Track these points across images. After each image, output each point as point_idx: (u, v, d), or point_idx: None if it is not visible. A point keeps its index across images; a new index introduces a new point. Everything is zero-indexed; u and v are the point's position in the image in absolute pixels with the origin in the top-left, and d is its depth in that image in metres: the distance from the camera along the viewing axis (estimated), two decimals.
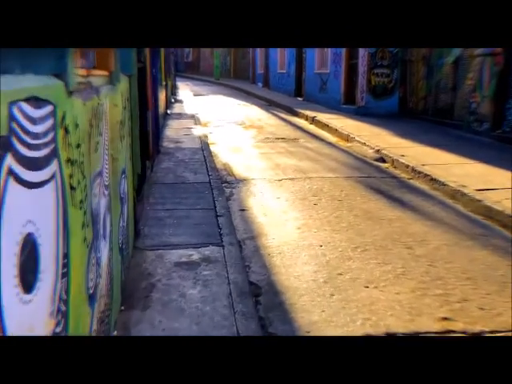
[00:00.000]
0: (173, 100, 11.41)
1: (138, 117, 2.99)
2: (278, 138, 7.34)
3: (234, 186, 4.69)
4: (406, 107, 8.47)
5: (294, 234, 3.44)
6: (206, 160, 5.27)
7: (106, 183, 1.66)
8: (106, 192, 1.66)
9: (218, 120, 9.18)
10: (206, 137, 7.26)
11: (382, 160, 5.74)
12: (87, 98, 1.30)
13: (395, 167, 5.42)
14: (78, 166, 1.15)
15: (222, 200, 3.91)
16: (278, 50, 14.52)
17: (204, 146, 6.12)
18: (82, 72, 1.37)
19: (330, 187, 4.66)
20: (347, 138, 6.96)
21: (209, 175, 4.62)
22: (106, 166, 1.67)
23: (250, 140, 7.21)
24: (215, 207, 3.68)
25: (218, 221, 3.37)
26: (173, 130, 7.29)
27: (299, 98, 12.18)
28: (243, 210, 3.98)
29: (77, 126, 1.14)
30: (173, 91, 12.14)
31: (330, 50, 9.78)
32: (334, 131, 7.52)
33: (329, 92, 10.03)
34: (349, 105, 8.99)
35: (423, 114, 7.97)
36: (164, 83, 7.11)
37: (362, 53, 8.17)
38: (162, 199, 3.81)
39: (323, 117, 8.50)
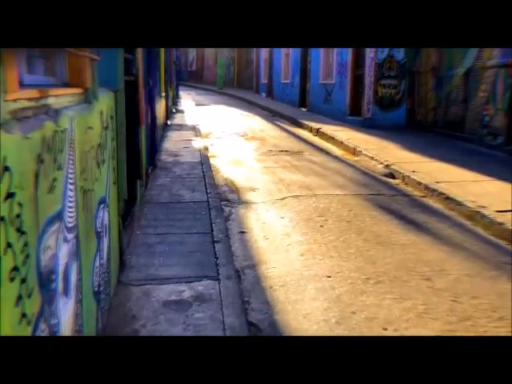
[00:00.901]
0: (174, 110, 11.19)
1: (127, 135, 2.71)
2: (282, 151, 7.05)
3: (234, 204, 4.39)
4: (413, 119, 8.17)
5: (297, 262, 3.12)
6: (204, 176, 4.97)
7: (70, 224, 1.36)
8: (70, 236, 1.36)
9: (219, 131, 8.92)
10: (207, 149, 6.98)
11: (392, 176, 5.42)
12: (34, 128, 1.00)
13: (406, 184, 5.10)
14: (10, 224, 0.85)
15: (219, 222, 3.60)
16: (282, 59, 14.35)
17: (204, 160, 5.83)
18: (31, 93, 1.07)
19: (338, 206, 4.34)
20: (354, 152, 6.65)
21: (207, 193, 4.32)
22: (71, 204, 1.37)
23: (253, 153, 6.92)
24: (212, 231, 3.36)
25: (214, 248, 3.05)
26: (172, 142, 7.02)
27: (303, 109, 11.93)
28: (243, 232, 3.67)
29: (7, 169, 0.83)
30: (174, 101, 11.93)
31: (335, 60, 9.55)
32: (339, 144, 7.22)
33: (334, 103, 9.76)
34: (354, 116, 8.71)
35: (432, 127, 7.66)
36: (163, 94, 6.86)
37: (369, 63, 7.91)
38: (155, 221, 3.50)
39: (328, 128, 8.21)
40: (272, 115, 11.81)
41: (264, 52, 17.33)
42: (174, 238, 3.18)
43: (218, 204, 4.04)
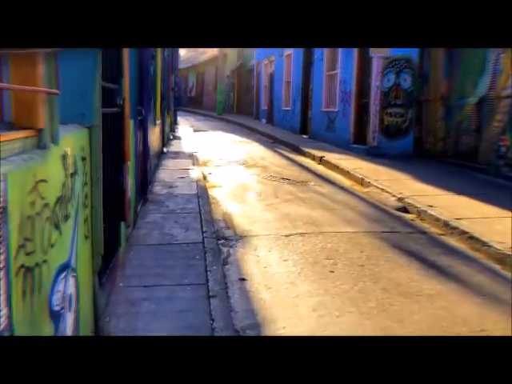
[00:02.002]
0: (171, 137, 10.90)
1: (110, 173, 2.30)
2: (285, 179, 6.65)
3: (232, 243, 3.93)
4: (421, 148, 7.85)
5: (310, 320, 2.63)
6: (201, 211, 4.53)
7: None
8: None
9: (218, 159, 8.56)
10: (205, 178, 6.58)
11: (406, 210, 4.99)
12: None
13: (422, 219, 4.66)
14: None
15: (216, 269, 3.12)
16: (283, 86, 14.28)
17: (200, 192, 5.41)
18: None
19: (347, 246, 3.88)
20: (361, 182, 6.25)
21: (203, 232, 3.87)
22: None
23: (254, 182, 6.52)
24: (207, 281, 2.89)
25: (210, 304, 2.57)
26: (167, 172, 6.62)
27: (304, 136, 11.67)
28: (243, 279, 3.19)
29: None
30: (172, 128, 11.67)
31: (338, 88, 9.39)
32: (346, 173, 6.84)
33: (337, 131, 9.49)
34: (359, 144, 8.39)
35: (442, 156, 7.32)
36: (158, 121, 6.55)
37: (374, 91, 7.69)
38: (141, 269, 3.03)
39: (332, 157, 7.86)
40: (272, 142, 11.52)
41: (264, 78, 17.35)
42: (162, 291, 2.70)
43: (214, 246, 3.58)
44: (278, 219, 4.65)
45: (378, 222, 4.62)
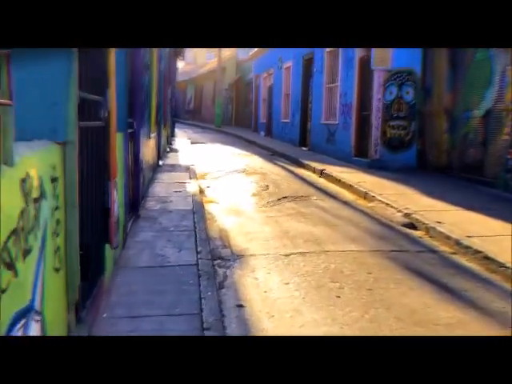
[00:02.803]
0: (168, 149, 10.68)
1: (93, 191, 2.04)
2: (286, 196, 6.39)
3: (229, 264, 3.65)
4: (425, 161, 7.65)
5: None
6: (196, 228, 4.26)
7: None
8: None
9: (215, 172, 8.31)
10: (202, 192, 6.33)
11: (413, 226, 4.73)
12: None
13: (431, 237, 4.39)
14: None
15: (211, 295, 2.84)
16: (282, 99, 14.17)
17: (196, 207, 5.14)
18: None
19: (353, 267, 3.60)
20: (365, 196, 6.00)
21: (197, 252, 3.59)
22: None
23: (253, 199, 6.26)
24: (202, 310, 2.60)
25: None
26: (162, 186, 6.37)
27: (304, 148, 11.49)
28: (241, 305, 2.91)
29: None
30: (168, 140, 11.47)
31: (338, 101, 9.26)
32: (348, 187, 6.59)
33: (337, 143, 9.30)
34: (360, 157, 8.19)
35: (447, 169, 7.11)
36: (153, 134, 6.33)
37: (376, 104, 7.53)
38: (128, 296, 2.74)
39: (334, 170, 7.63)
40: (272, 154, 11.31)
41: (263, 91, 17.29)
42: (150, 323, 2.40)
43: (209, 268, 3.29)
44: (277, 236, 4.38)
45: (385, 239, 4.35)
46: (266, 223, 4.89)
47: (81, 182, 1.89)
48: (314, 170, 8.21)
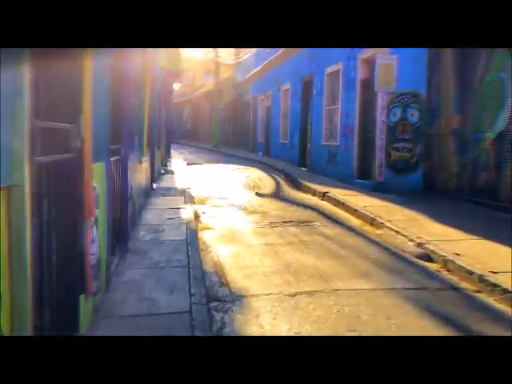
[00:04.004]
0: (162, 171, 10.32)
1: (64, 234, 1.64)
2: (286, 222, 5.99)
3: (228, 306, 3.20)
4: (432, 184, 7.33)
5: None
6: (189, 263, 3.83)
7: None
8: None
9: (212, 196, 7.93)
10: (197, 218, 5.92)
11: (428, 258, 4.32)
12: None
13: (450, 271, 3.98)
14: None
15: None
16: (280, 120, 14.00)
17: (190, 237, 4.72)
18: None
19: (369, 310, 3.16)
20: (372, 222, 5.61)
21: (190, 295, 3.15)
22: None
23: (251, 224, 5.85)
24: None
25: None
26: (155, 212, 5.96)
27: (304, 169, 11.20)
28: None
29: None
30: (163, 162, 11.13)
31: (339, 122, 9.03)
32: (353, 211, 6.21)
33: (339, 165, 9.00)
34: (364, 179, 7.86)
35: (457, 193, 6.78)
36: (146, 158, 5.98)
37: (380, 126, 7.28)
38: None
39: (337, 192, 7.27)
40: (271, 170, 10.98)
41: (261, 112, 17.19)
42: None
43: (204, 316, 2.85)
44: (279, 271, 3.95)
45: (399, 274, 3.93)
46: (266, 254, 4.47)
47: (47, 225, 1.52)
48: (313, 193, 7.85)
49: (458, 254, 4.07)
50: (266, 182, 9.90)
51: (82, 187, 1.92)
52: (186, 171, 11.46)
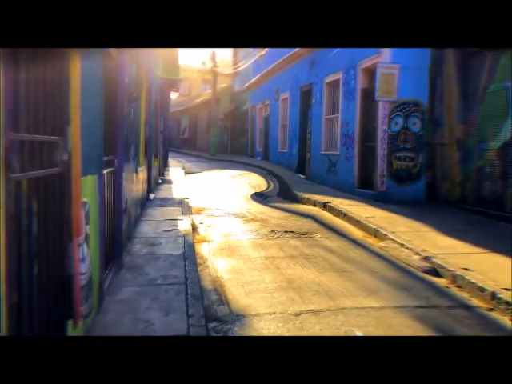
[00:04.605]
0: (160, 181, 10.15)
1: (48, 256, 1.47)
2: (287, 232, 5.81)
3: (228, 327, 3.01)
4: (435, 194, 7.19)
5: None
6: (187, 280, 3.64)
7: None
8: None
9: (210, 206, 7.75)
10: (195, 230, 5.73)
11: (435, 272, 4.15)
12: None
13: (459, 287, 3.80)
14: None
15: None
16: (279, 130, 13.91)
17: (188, 251, 4.53)
18: None
19: (379, 331, 2.97)
20: (376, 234, 5.44)
21: (188, 315, 2.95)
22: None
23: (251, 235, 5.66)
24: None
25: None
26: (151, 224, 5.77)
27: (302, 176, 11.09)
28: None
29: None
30: (160, 171, 10.96)
31: (339, 131, 8.96)
32: (355, 222, 6.05)
33: (339, 174, 8.88)
34: (365, 189, 7.73)
35: (460, 203, 6.64)
36: (141, 168, 5.81)
37: (382, 135, 7.18)
38: None
39: (338, 202, 7.11)
40: (269, 182, 10.82)
41: (259, 122, 17.12)
42: None
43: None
44: (281, 287, 3.76)
45: (407, 290, 3.75)
46: (267, 268, 4.28)
47: (28, 249, 1.34)
48: (314, 204, 7.68)
49: (467, 269, 3.90)
50: (264, 187, 9.75)
51: (70, 204, 1.74)
52: (184, 180, 11.29)
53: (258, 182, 10.94)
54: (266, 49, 14.93)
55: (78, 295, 2.10)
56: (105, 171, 3.02)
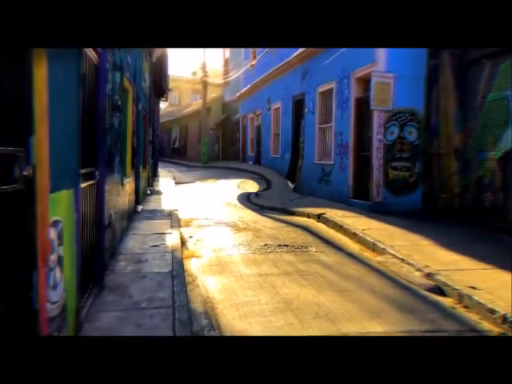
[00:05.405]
0: (149, 192, 9.82)
1: (9, 286, 1.19)
2: (281, 245, 5.55)
3: None
4: (432, 204, 7.03)
5: None
6: (175, 303, 3.34)
7: None
8: None
9: (200, 217, 7.46)
10: (184, 244, 5.43)
11: (440, 290, 3.92)
12: None
13: (466, 307, 3.57)
14: None
15: None
16: (271, 139, 13.77)
17: (176, 269, 4.22)
18: None
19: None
20: (373, 248, 5.22)
21: None
22: None
23: (244, 248, 5.38)
24: None
25: None
26: (138, 239, 5.44)
27: (292, 185, 10.89)
28: None
29: None
30: (150, 182, 10.63)
31: (333, 141, 8.79)
32: (352, 235, 5.82)
33: (333, 184, 8.69)
34: (360, 199, 7.53)
35: (459, 214, 6.48)
36: (128, 179, 5.51)
37: (377, 145, 7.03)
38: None
39: (334, 213, 6.89)
40: (261, 195, 10.58)
41: (250, 131, 16.98)
42: None
43: None
44: (278, 309, 3.48)
45: (411, 311, 3.50)
46: (261, 287, 4.00)
47: None
48: (308, 216, 7.45)
49: (473, 287, 3.68)
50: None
51: (34, 226, 1.47)
52: (174, 191, 10.97)
53: (252, 188, 10.70)
54: (257, 58, 14.85)
55: (46, 330, 1.80)
56: (84, 185, 2.74)
